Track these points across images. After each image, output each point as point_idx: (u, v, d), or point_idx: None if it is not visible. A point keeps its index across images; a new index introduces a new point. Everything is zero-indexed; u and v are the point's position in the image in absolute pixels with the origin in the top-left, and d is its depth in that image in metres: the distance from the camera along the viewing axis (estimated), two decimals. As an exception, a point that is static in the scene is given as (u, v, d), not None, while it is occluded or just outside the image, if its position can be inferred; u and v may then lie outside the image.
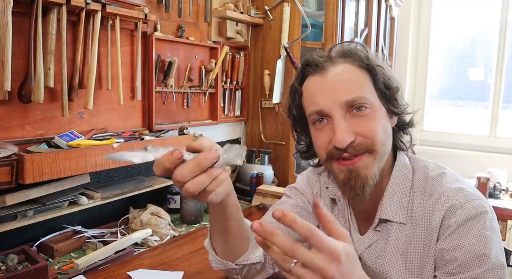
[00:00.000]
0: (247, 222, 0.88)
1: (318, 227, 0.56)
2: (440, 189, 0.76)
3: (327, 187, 0.92)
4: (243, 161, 0.65)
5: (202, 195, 0.61)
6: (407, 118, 0.84)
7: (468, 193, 0.74)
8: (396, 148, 0.84)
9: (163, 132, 1.65)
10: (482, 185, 2.12)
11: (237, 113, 2.19)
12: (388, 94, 0.77)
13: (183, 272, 1.01)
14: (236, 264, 0.85)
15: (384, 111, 0.78)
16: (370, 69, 0.77)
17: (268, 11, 2.10)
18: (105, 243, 1.30)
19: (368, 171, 0.75)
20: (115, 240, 1.29)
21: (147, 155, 0.58)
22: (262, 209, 1.71)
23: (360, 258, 0.81)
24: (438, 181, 0.78)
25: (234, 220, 0.80)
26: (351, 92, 0.74)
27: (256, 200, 1.76)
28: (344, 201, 0.88)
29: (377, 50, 2.53)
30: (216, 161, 0.59)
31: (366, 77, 0.77)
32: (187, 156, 0.59)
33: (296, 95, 0.82)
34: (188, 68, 1.80)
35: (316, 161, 0.94)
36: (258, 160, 2.08)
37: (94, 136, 1.40)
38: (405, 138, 0.86)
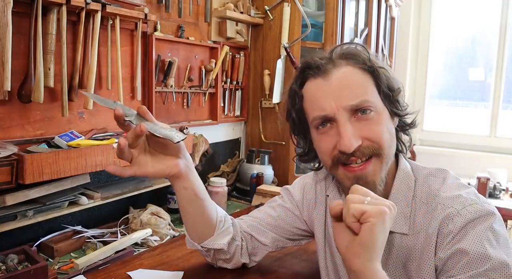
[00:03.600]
0: (220, 211, 0.92)
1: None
2: (438, 199, 0.75)
3: (328, 195, 0.91)
4: (182, 140, 0.75)
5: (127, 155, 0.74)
6: (408, 118, 0.82)
7: (465, 199, 0.72)
8: (397, 149, 0.83)
9: (163, 132, 1.64)
10: (482, 185, 2.12)
11: (237, 113, 2.19)
12: (391, 96, 0.76)
13: (183, 272, 1.01)
14: (201, 247, 0.92)
15: (388, 113, 0.77)
16: (373, 72, 0.76)
17: (268, 11, 2.09)
18: (105, 243, 1.30)
19: (376, 177, 0.74)
20: (115, 240, 1.29)
21: (113, 105, 0.74)
22: (262, 209, 1.71)
23: None
24: (439, 192, 0.76)
25: (190, 205, 0.86)
26: (356, 96, 0.73)
27: (256, 200, 1.75)
28: None
29: (377, 51, 2.53)
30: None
31: (369, 79, 0.76)
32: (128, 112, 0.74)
33: (296, 99, 0.80)
34: (188, 68, 1.80)
35: (316, 165, 0.91)
36: (258, 160, 2.07)
37: (94, 136, 1.40)
38: (405, 138, 0.85)
